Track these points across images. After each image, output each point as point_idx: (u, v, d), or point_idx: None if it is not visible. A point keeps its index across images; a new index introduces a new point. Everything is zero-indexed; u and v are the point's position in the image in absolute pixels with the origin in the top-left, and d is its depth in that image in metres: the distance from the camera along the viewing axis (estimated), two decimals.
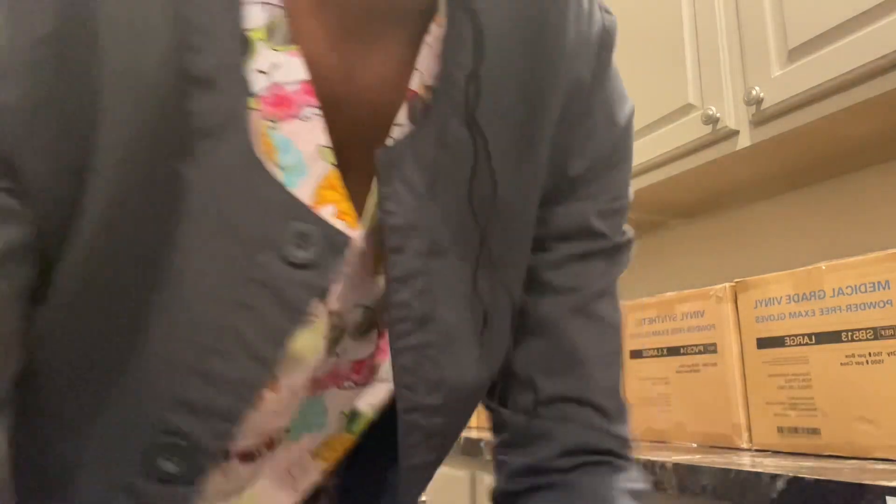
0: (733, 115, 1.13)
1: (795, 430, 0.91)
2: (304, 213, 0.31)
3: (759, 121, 1.09)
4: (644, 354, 1.19)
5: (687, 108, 1.22)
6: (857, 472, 0.66)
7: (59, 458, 0.32)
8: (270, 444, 0.40)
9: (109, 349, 0.30)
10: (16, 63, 0.27)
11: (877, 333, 0.82)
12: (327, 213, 0.33)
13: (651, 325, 1.18)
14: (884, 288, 0.82)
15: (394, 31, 0.34)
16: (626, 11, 1.38)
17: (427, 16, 0.35)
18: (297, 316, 0.31)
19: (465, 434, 1.34)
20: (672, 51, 1.26)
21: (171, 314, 0.30)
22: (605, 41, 0.41)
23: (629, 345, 1.23)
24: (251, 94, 0.31)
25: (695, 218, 1.58)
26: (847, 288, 0.86)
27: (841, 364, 0.86)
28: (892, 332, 0.81)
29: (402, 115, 0.35)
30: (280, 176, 0.31)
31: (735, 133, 1.13)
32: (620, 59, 0.42)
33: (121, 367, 0.30)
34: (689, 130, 1.20)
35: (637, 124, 1.33)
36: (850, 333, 0.85)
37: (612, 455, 0.41)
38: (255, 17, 0.31)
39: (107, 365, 0.31)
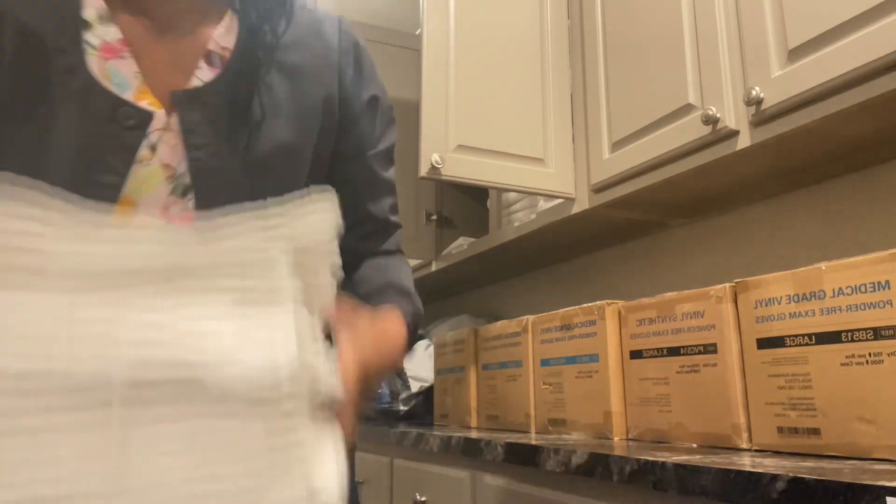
0: (733, 116, 1.13)
1: (795, 430, 0.91)
2: (127, 103, 0.59)
3: (759, 121, 1.09)
4: (644, 354, 1.19)
5: (687, 109, 1.22)
6: (857, 472, 0.66)
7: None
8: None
9: (22, 149, 0.58)
10: None
11: (877, 333, 0.82)
12: (143, 104, 0.60)
13: (651, 326, 1.18)
14: (884, 288, 0.82)
15: (187, 15, 0.66)
16: (626, 11, 1.38)
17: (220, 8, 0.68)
18: (132, 152, 0.59)
19: (464, 434, 1.34)
20: (672, 51, 1.26)
21: (58, 139, 0.57)
22: (357, 49, 0.76)
23: (629, 345, 1.22)
24: (92, 47, 0.60)
25: (695, 218, 1.58)
26: (847, 288, 0.86)
27: (841, 364, 0.86)
28: (892, 332, 0.81)
29: (201, 63, 0.64)
30: (112, 88, 0.59)
31: (735, 133, 1.13)
32: (620, 59, 0.42)
33: (34, 161, 0.57)
34: (689, 130, 1.20)
35: (637, 124, 1.33)
36: (850, 333, 0.85)
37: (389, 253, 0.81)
38: (90, 10, 0.61)
39: (21, 159, 0.57)
